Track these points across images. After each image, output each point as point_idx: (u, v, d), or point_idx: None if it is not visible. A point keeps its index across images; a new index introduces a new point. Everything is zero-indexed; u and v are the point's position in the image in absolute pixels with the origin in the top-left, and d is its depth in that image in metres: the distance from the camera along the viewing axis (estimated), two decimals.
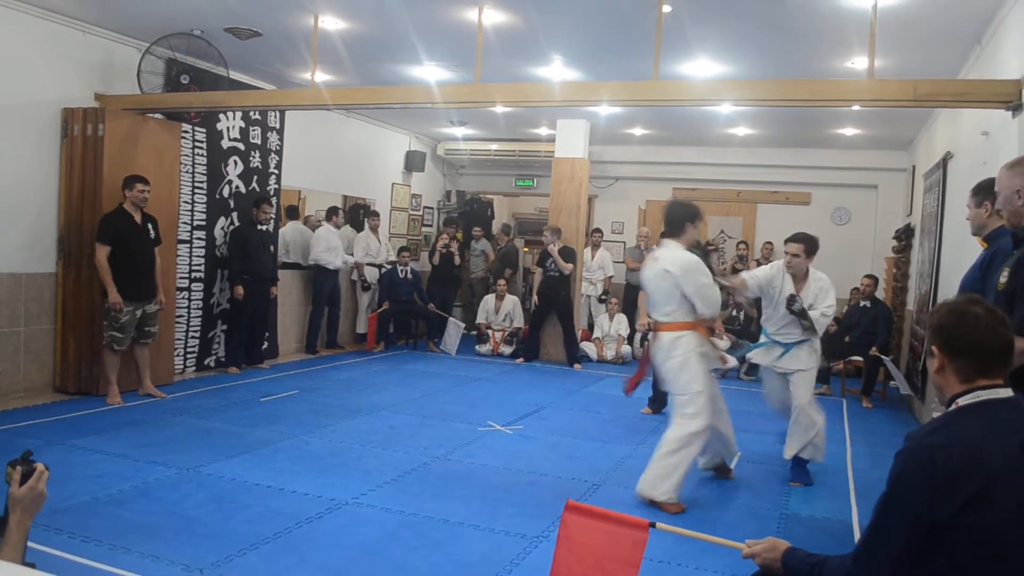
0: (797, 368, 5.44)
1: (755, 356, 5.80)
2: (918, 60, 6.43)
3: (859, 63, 6.55)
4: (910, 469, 1.96)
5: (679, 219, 4.92)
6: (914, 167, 9.95)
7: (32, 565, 2.89)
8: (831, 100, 5.64)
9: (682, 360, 4.75)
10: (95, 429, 5.72)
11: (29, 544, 3.58)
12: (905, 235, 9.58)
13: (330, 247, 9.64)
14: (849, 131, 10.03)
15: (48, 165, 6.70)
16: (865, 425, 7.37)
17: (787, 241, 5.65)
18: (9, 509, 2.25)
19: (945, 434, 1.97)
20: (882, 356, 8.23)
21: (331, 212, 10.04)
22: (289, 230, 9.96)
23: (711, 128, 10.44)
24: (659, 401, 7.24)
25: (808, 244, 5.50)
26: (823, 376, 8.86)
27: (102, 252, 6.39)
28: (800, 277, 5.57)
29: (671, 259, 4.80)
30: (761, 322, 5.80)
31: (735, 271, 11.11)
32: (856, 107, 7.41)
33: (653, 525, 2.43)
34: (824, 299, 5.49)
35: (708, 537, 2.57)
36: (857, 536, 4.44)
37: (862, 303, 8.91)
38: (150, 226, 6.69)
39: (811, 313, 5.37)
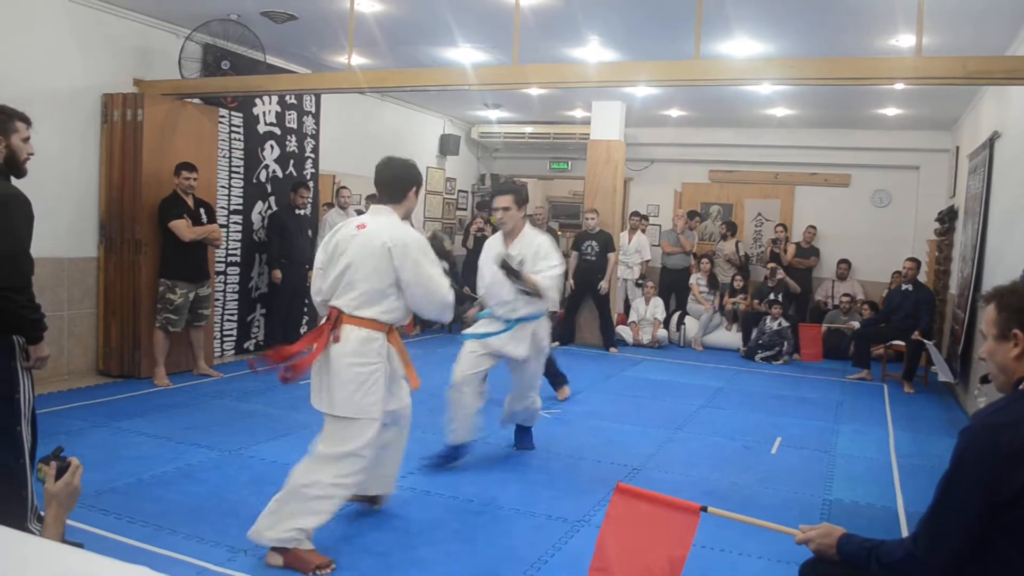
0: (513, 355, 4.88)
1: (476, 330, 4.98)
2: (966, 37, 6.27)
3: (903, 40, 6.40)
4: (974, 447, 1.93)
5: (403, 181, 3.77)
6: (958, 148, 9.74)
7: (80, 545, 2.94)
8: (876, 79, 5.50)
9: (370, 372, 3.53)
10: (138, 411, 5.79)
11: (76, 524, 3.65)
12: (948, 217, 9.39)
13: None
14: (891, 111, 9.83)
15: (89, 151, 6.77)
16: (907, 411, 7.25)
17: (494, 195, 5.16)
18: (46, 504, 2.27)
19: (1010, 414, 1.93)
20: (924, 341, 8.09)
21: (370, 198, 10.03)
22: (334, 215, 9.90)
23: (749, 109, 10.30)
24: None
25: (517, 195, 4.97)
26: (863, 360, 8.75)
27: (180, 224, 6.52)
28: (513, 234, 5.00)
29: (389, 231, 3.55)
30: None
31: (773, 256, 11.01)
32: (900, 86, 7.24)
33: (704, 509, 2.40)
34: (545, 259, 4.85)
35: (761, 522, 2.53)
36: (903, 522, 4.38)
37: (904, 286, 8.75)
38: (202, 211, 6.78)
39: (535, 278, 4.73)
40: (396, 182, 3.75)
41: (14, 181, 3.32)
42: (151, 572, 1.41)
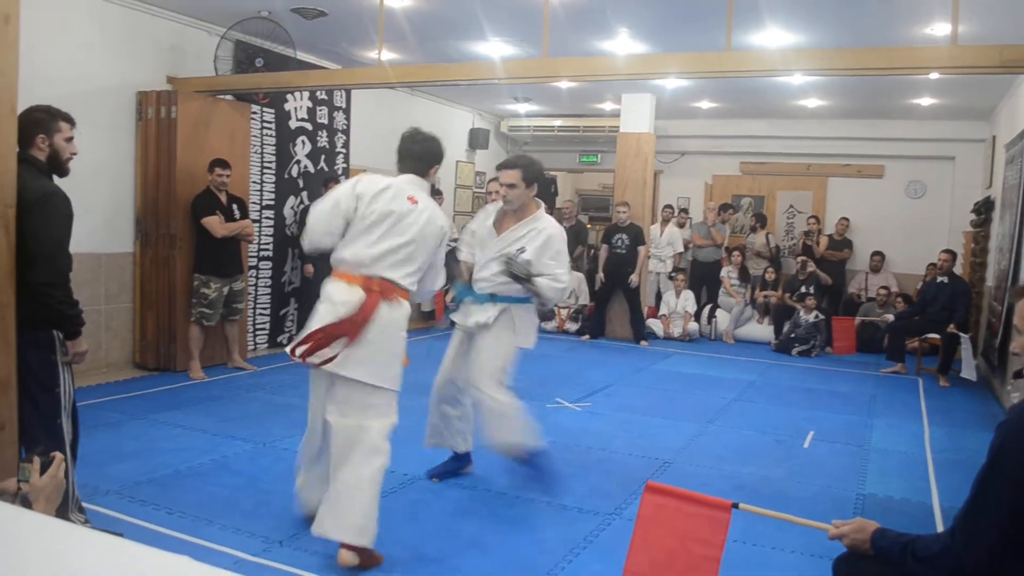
0: (478, 322, 4.28)
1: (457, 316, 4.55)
2: (1003, 25, 6.15)
3: (938, 29, 6.31)
4: (1011, 442, 1.91)
5: (432, 155, 3.73)
6: (995, 137, 9.57)
7: (120, 535, 2.99)
8: (910, 68, 5.44)
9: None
10: (174, 404, 5.88)
11: (115, 514, 3.73)
12: (984, 208, 9.24)
13: None
14: (925, 101, 9.69)
15: (124, 148, 6.87)
16: (943, 404, 7.17)
17: (499, 167, 4.39)
18: (33, 500, 2.24)
19: None
20: (960, 334, 7.98)
21: None
22: None
23: (781, 100, 10.20)
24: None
25: (526, 169, 4.20)
26: (897, 354, 8.65)
27: (213, 221, 6.60)
28: (520, 215, 4.32)
29: (440, 215, 3.64)
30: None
31: (805, 248, 10.92)
32: (935, 75, 7.15)
33: (736, 506, 2.40)
34: (554, 259, 4.24)
35: (793, 518, 2.52)
36: (938, 517, 4.34)
37: (939, 279, 8.63)
38: (235, 207, 6.86)
39: (539, 281, 4.15)
40: (426, 156, 3.71)
41: (57, 180, 3.39)
42: (192, 561, 1.44)
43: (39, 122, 3.31)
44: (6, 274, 3.13)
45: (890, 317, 9.47)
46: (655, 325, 10.39)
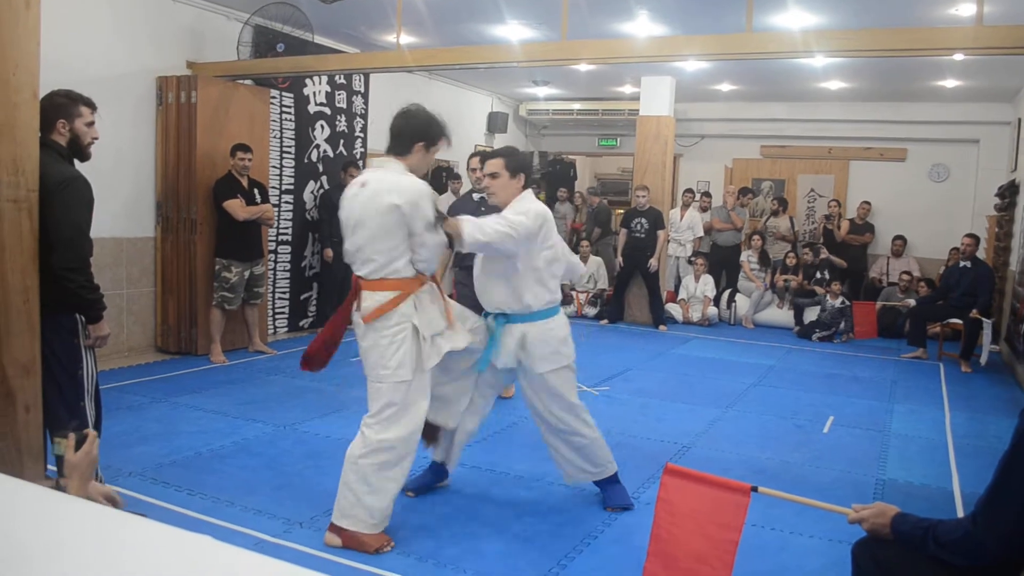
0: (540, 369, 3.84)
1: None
2: None
3: (963, 9, 6.22)
4: None
5: (412, 131, 3.53)
6: (1020, 120, 9.43)
7: (142, 515, 3.03)
8: (934, 49, 5.34)
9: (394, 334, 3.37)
10: (195, 387, 5.93)
11: (137, 495, 3.77)
12: (1009, 192, 9.12)
13: None
14: (949, 83, 9.56)
15: (145, 133, 6.91)
16: (964, 390, 7.11)
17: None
18: (67, 475, 2.29)
19: None
20: (983, 319, 7.91)
21: None
22: None
23: (802, 82, 10.10)
24: None
25: (510, 158, 3.82)
26: (919, 339, 8.58)
27: (234, 204, 6.63)
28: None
29: (394, 186, 3.36)
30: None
31: (825, 231, 10.84)
32: (959, 56, 7.04)
33: (755, 489, 2.39)
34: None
35: (813, 502, 2.52)
36: (958, 503, 4.31)
37: (962, 263, 8.54)
38: (256, 191, 6.89)
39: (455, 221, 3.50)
40: (405, 132, 3.52)
41: (78, 165, 3.41)
42: (214, 541, 1.45)
43: (60, 107, 3.33)
44: (29, 258, 3.16)
45: (911, 302, 9.39)
46: (674, 309, 10.36)
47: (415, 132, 3.52)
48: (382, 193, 3.33)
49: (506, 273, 3.70)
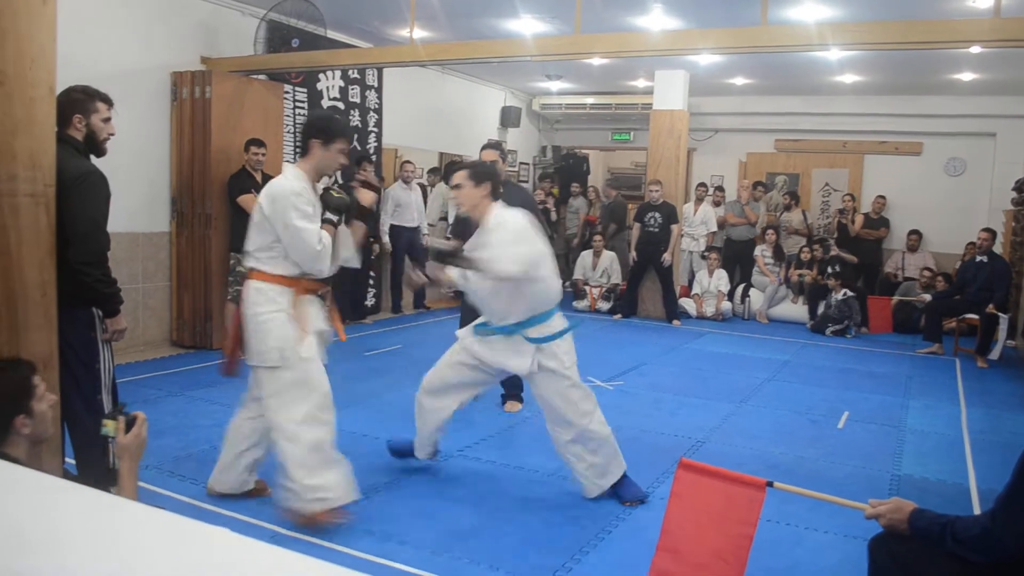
0: (512, 369, 3.95)
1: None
2: None
3: (980, 1, 6.17)
4: None
5: (306, 130, 3.71)
6: None
7: (159, 508, 3.05)
8: (951, 42, 5.31)
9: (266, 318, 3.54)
10: (211, 381, 5.95)
11: (154, 488, 3.80)
12: None
13: (399, 205, 9.23)
14: (966, 76, 9.49)
15: (160, 128, 6.94)
16: (980, 386, 7.06)
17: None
18: (118, 456, 2.40)
19: None
20: (999, 314, 7.85)
21: (432, 172, 10.09)
22: (397, 190, 9.81)
23: (816, 76, 10.04)
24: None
25: (473, 169, 3.86)
26: (934, 334, 8.53)
27: (248, 199, 6.61)
28: (479, 223, 3.89)
29: (267, 188, 3.58)
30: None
31: (840, 226, 10.77)
32: (976, 49, 6.99)
33: (770, 484, 2.38)
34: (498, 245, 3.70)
35: (829, 497, 2.51)
36: (975, 499, 4.29)
37: (978, 258, 8.48)
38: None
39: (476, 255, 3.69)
40: (303, 132, 3.71)
41: (93, 160, 3.43)
42: (231, 533, 1.45)
43: (76, 102, 3.35)
44: (46, 253, 3.18)
45: (927, 297, 9.33)
46: (688, 304, 10.33)
47: (309, 130, 3.67)
48: (261, 194, 3.59)
49: (507, 287, 3.73)
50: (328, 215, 3.59)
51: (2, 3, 3.00)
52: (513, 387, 5.61)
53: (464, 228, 4.16)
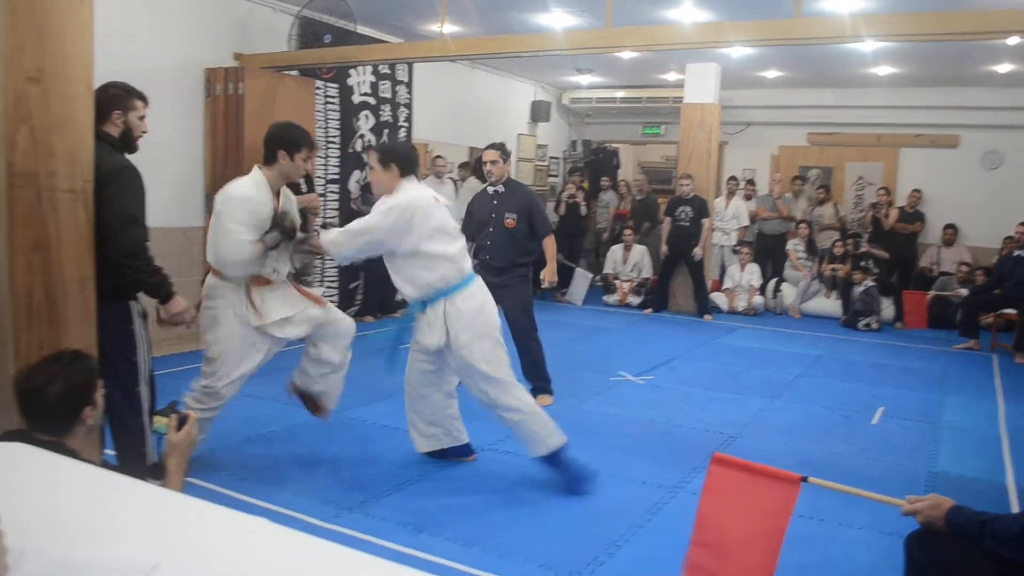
0: (427, 344, 4.02)
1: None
2: None
3: None
4: None
5: (270, 141, 3.90)
6: None
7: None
8: (989, 33, 5.21)
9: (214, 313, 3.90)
10: None
11: (190, 479, 3.85)
12: None
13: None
14: (1004, 67, 9.32)
15: (194, 124, 7.02)
16: (1018, 382, 6.95)
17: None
18: (167, 454, 2.45)
19: None
20: None
21: (462, 167, 10.12)
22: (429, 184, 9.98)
23: (850, 68, 9.92)
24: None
25: (380, 150, 3.97)
26: (971, 329, 8.41)
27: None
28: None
29: (223, 191, 3.90)
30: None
31: (874, 220, 10.64)
32: (1015, 40, 6.86)
33: (805, 479, 2.37)
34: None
35: (865, 493, 2.48)
36: (1012, 497, 4.24)
37: (1016, 252, 8.34)
38: (302, 181, 6.92)
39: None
40: (266, 143, 3.89)
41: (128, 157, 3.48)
42: (270, 523, 1.48)
43: (116, 98, 3.40)
44: (86, 247, 3.24)
45: (964, 292, 9.18)
46: (719, 299, 10.26)
47: (275, 141, 3.87)
48: (220, 191, 3.90)
49: (394, 266, 3.92)
50: (269, 235, 3.78)
51: (41, 2, 3.05)
52: (539, 379, 5.64)
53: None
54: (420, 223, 3.78)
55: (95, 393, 2.48)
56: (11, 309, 3.06)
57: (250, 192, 3.80)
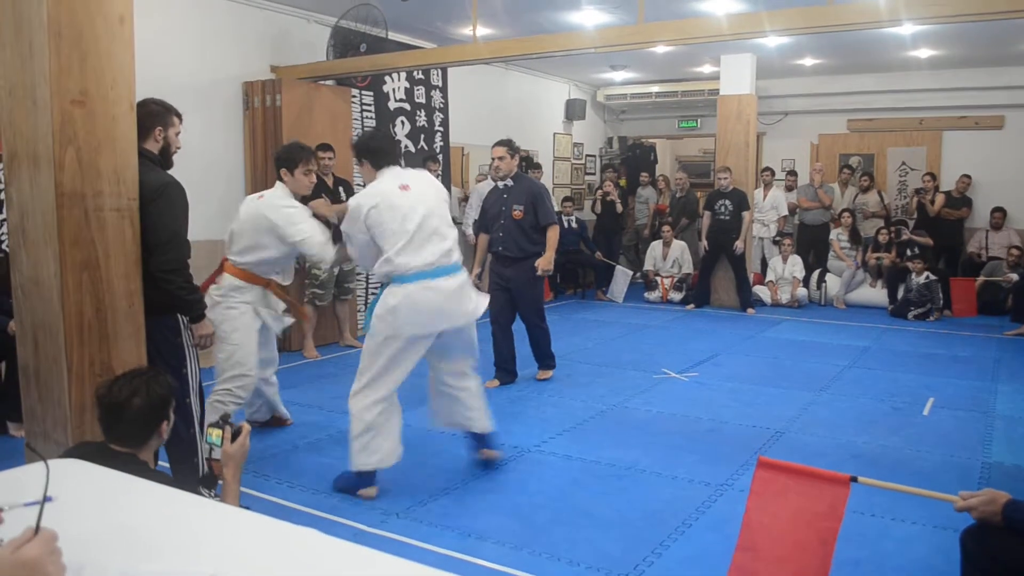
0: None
1: None
2: None
3: None
4: None
5: (276, 162, 4.42)
6: None
7: (246, 507, 3.15)
8: None
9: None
10: (290, 383, 6.08)
11: (243, 489, 3.90)
12: None
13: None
14: None
15: (234, 137, 7.13)
16: None
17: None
18: (223, 464, 2.52)
19: None
20: None
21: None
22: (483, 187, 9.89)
23: (890, 52, 9.74)
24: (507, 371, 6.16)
25: (356, 146, 4.21)
26: (1023, 315, 8.21)
27: (319, 204, 6.73)
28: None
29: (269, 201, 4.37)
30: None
31: (919, 206, 10.45)
32: None
33: (854, 479, 2.33)
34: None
35: (916, 490, 2.44)
36: None
37: None
38: (341, 189, 7.01)
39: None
40: (275, 162, 4.43)
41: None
42: (319, 534, 1.50)
43: (157, 115, 3.47)
44: (132, 264, 3.30)
45: (1014, 276, 8.96)
46: (762, 292, 10.15)
47: (276, 161, 4.43)
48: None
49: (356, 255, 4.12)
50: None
51: (82, 25, 3.12)
52: (544, 358, 6.27)
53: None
54: (369, 217, 3.81)
55: (170, 407, 2.57)
56: (63, 327, 3.13)
57: (291, 199, 4.35)
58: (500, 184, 6.11)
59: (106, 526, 1.51)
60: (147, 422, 2.48)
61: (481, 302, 4.02)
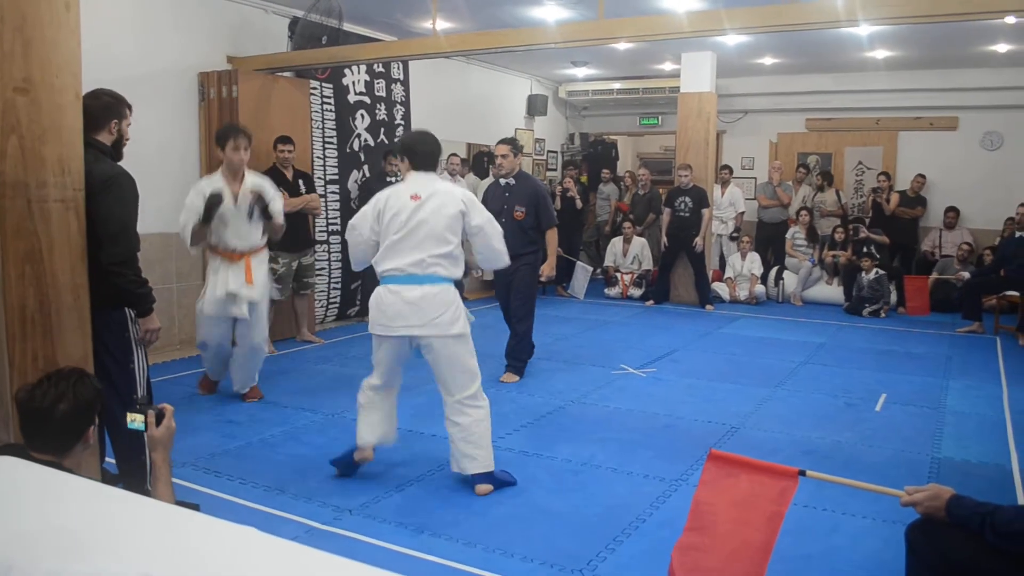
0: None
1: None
2: None
3: None
4: None
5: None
6: None
7: (196, 506, 3.09)
8: (985, 13, 5.16)
9: None
10: None
11: (191, 485, 3.84)
12: None
13: None
14: (1001, 47, 9.26)
15: (189, 128, 7.01)
16: (1022, 365, 6.92)
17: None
18: (152, 449, 2.51)
19: None
20: None
21: (461, 163, 10.11)
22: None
23: (847, 53, 9.87)
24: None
25: (399, 146, 4.54)
26: (974, 312, 8.37)
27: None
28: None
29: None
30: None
31: (875, 205, 10.60)
32: (1012, 19, 6.79)
33: (803, 473, 2.35)
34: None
35: (863, 484, 2.47)
36: (1017, 482, 4.20)
37: (1017, 234, 8.30)
38: (301, 182, 6.92)
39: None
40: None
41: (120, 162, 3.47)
42: (258, 532, 1.47)
43: (111, 107, 3.40)
44: (78, 257, 3.23)
45: (966, 275, 9.13)
46: (721, 288, 10.24)
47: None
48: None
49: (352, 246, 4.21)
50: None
51: (27, 12, 3.04)
52: (514, 359, 6.14)
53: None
54: (375, 215, 3.94)
55: (96, 411, 2.46)
56: (4, 321, 3.05)
57: (202, 182, 5.02)
58: (502, 182, 6.18)
59: (34, 524, 1.47)
60: (73, 428, 2.34)
61: (459, 320, 3.89)
